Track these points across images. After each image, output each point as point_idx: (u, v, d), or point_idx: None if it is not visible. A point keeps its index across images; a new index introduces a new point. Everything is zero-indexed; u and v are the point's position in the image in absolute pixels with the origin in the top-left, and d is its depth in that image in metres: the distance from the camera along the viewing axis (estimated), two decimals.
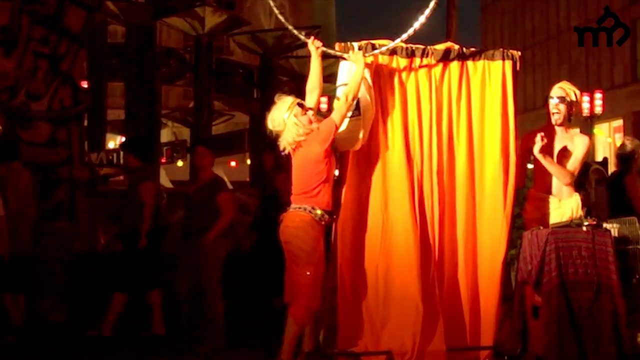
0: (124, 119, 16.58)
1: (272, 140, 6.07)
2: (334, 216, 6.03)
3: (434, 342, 6.15)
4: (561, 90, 6.69)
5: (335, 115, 5.92)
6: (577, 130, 6.93)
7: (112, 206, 10.50)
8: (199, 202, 7.76)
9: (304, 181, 5.88)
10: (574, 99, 6.69)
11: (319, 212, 5.84)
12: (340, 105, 5.96)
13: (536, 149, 6.46)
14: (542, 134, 6.51)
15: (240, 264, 10.70)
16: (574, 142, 6.70)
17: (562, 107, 6.63)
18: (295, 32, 6.60)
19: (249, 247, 11.17)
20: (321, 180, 5.85)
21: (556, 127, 6.71)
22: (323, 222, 5.90)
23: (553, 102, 6.66)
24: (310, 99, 6.11)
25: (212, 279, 7.59)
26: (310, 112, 5.94)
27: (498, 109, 6.49)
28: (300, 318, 5.81)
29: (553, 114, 6.68)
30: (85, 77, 15.83)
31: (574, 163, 6.64)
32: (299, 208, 5.85)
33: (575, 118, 6.88)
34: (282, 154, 6.11)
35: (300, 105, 5.95)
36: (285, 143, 5.92)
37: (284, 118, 5.85)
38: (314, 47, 6.14)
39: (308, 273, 5.79)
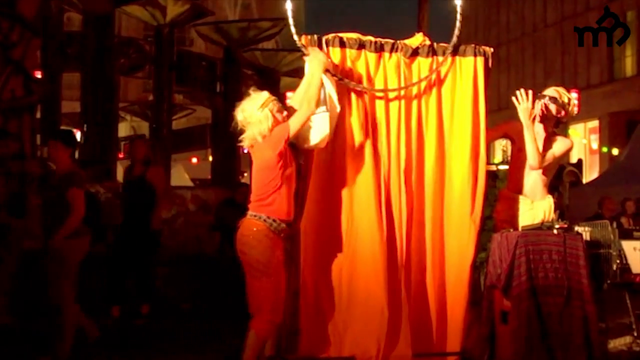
0: (80, 112, 16.41)
1: (235, 135, 6.00)
2: (295, 225, 5.97)
3: (399, 347, 6.18)
4: (554, 92, 6.70)
5: (292, 121, 5.80)
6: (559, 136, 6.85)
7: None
8: (52, 199, 7.25)
9: (258, 187, 5.80)
10: (565, 101, 6.69)
11: (275, 222, 5.72)
12: (299, 113, 5.86)
13: (522, 109, 6.44)
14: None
15: (204, 265, 10.71)
16: (555, 142, 6.68)
17: (553, 107, 6.63)
18: (297, 40, 6.34)
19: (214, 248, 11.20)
20: (275, 188, 5.72)
21: (539, 125, 6.66)
22: (282, 234, 5.78)
23: (543, 100, 6.62)
24: (300, 107, 5.93)
25: (62, 286, 6.93)
26: (285, 113, 5.88)
27: (469, 106, 6.52)
28: (262, 332, 5.72)
29: (538, 109, 6.61)
30: (39, 67, 15.69)
31: (548, 156, 6.61)
32: (255, 216, 5.75)
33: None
34: (244, 151, 6.06)
35: (277, 102, 5.89)
36: (248, 139, 5.83)
37: (257, 110, 5.76)
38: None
39: (265, 286, 5.68)
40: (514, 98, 6.53)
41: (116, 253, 9.32)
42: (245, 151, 6.04)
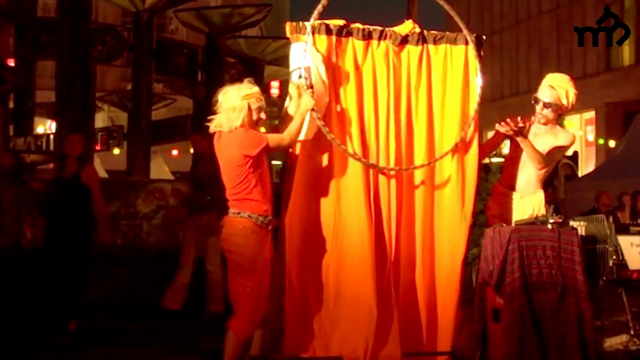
0: (55, 102, 16.38)
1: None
2: (277, 218, 5.95)
3: (388, 347, 6.19)
4: (550, 93, 6.57)
5: (271, 139, 5.77)
6: (560, 129, 6.85)
7: (39, 197, 10.40)
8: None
9: (232, 186, 5.77)
10: (564, 102, 6.57)
11: (260, 217, 5.72)
12: (281, 138, 5.83)
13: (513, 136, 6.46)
14: (520, 118, 6.49)
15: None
16: (558, 138, 6.67)
17: (548, 112, 6.61)
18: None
19: None
20: (250, 186, 5.71)
21: (538, 125, 6.68)
22: (269, 227, 5.79)
23: (539, 106, 6.59)
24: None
25: None
26: (264, 116, 5.85)
27: (460, 96, 6.54)
28: (242, 334, 5.70)
29: (537, 116, 6.61)
30: (12, 55, 15.65)
31: (553, 152, 6.64)
32: (238, 214, 5.73)
33: None
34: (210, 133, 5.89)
35: (262, 102, 5.85)
36: (216, 123, 5.77)
37: (237, 98, 5.73)
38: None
39: (249, 284, 5.67)
40: (498, 126, 6.49)
41: (45, 261, 8.55)
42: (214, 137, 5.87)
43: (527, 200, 6.66)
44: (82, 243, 8.38)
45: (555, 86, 6.60)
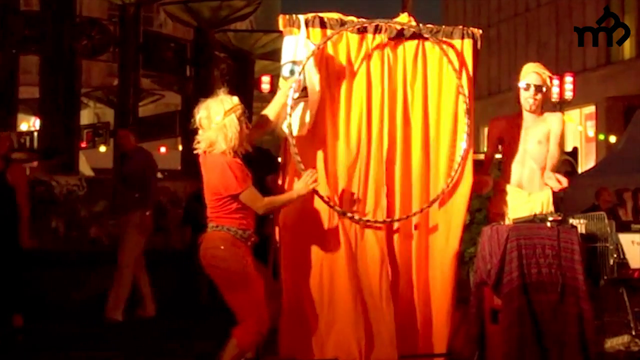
0: (39, 98, 16.37)
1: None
2: (259, 232, 5.87)
3: (384, 349, 6.20)
4: (538, 77, 6.72)
5: (247, 195, 5.59)
6: (547, 113, 6.96)
7: None
8: None
9: (210, 205, 5.70)
10: (548, 84, 6.81)
11: (239, 231, 5.63)
12: (258, 202, 5.66)
13: None
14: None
15: (173, 262, 10.71)
16: (548, 122, 6.78)
17: (540, 96, 6.69)
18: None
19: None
20: (230, 210, 5.62)
21: (527, 113, 6.78)
22: (249, 242, 5.70)
23: (530, 91, 6.67)
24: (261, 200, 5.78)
25: None
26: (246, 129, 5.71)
27: (456, 92, 6.55)
28: (246, 344, 5.62)
29: (528, 102, 6.70)
30: None
31: (554, 143, 6.72)
32: (215, 227, 5.66)
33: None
34: (195, 152, 5.71)
35: (245, 113, 5.72)
36: (206, 142, 5.61)
37: (222, 114, 5.56)
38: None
39: (244, 297, 5.58)
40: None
41: None
42: (196, 152, 5.74)
43: (536, 197, 6.68)
44: (7, 243, 8.42)
45: (540, 72, 6.76)
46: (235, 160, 5.63)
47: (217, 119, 5.58)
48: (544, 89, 6.74)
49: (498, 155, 7.13)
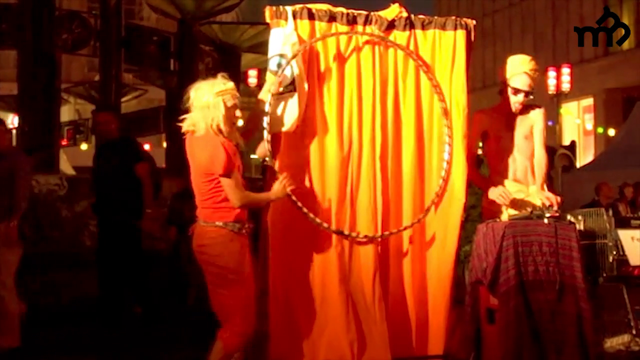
0: (17, 94, 16.31)
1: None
2: (252, 221, 5.88)
3: (377, 351, 6.21)
4: (527, 80, 6.66)
5: (228, 182, 5.57)
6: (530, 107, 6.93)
7: None
8: None
9: (200, 194, 5.69)
10: (535, 78, 6.75)
11: (235, 224, 5.62)
12: (234, 192, 5.60)
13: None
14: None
15: (158, 263, 10.70)
16: (531, 118, 6.77)
17: (527, 99, 6.68)
18: None
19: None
20: (220, 197, 5.61)
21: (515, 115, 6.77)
22: (245, 232, 5.69)
23: (519, 97, 6.64)
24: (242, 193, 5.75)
25: None
26: (239, 113, 5.73)
27: (448, 84, 6.58)
28: (232, 346, 5.60)
29: (515, 106, 6.68)
30: None
31: (539, 143, 6.71)
32: (208, 222, 5.63)
33: (539, 97, 6.92)
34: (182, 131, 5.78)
35: (237, 99, 5.74)
36: (190, 122, 5.66)
37: (210, 95, 5.59)
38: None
39: (235, 295, 5.56)
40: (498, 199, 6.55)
41: None
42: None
43: (535, 190, 6.66)
44: None
45: (528, 71, 6.69)
46: (231, 144, 5.66)
47: (204, 100, 5.61)
48: (532, 92, 6.69)
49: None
